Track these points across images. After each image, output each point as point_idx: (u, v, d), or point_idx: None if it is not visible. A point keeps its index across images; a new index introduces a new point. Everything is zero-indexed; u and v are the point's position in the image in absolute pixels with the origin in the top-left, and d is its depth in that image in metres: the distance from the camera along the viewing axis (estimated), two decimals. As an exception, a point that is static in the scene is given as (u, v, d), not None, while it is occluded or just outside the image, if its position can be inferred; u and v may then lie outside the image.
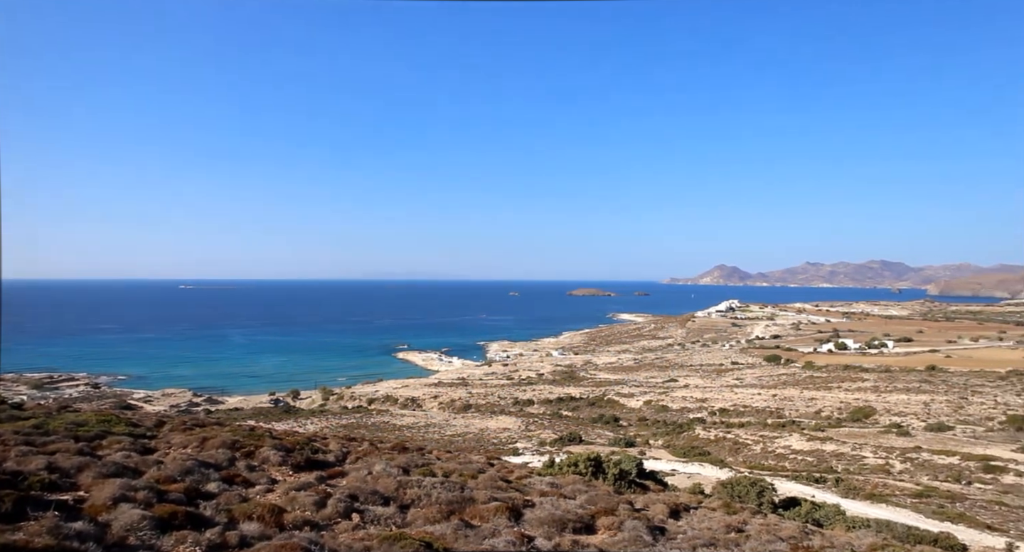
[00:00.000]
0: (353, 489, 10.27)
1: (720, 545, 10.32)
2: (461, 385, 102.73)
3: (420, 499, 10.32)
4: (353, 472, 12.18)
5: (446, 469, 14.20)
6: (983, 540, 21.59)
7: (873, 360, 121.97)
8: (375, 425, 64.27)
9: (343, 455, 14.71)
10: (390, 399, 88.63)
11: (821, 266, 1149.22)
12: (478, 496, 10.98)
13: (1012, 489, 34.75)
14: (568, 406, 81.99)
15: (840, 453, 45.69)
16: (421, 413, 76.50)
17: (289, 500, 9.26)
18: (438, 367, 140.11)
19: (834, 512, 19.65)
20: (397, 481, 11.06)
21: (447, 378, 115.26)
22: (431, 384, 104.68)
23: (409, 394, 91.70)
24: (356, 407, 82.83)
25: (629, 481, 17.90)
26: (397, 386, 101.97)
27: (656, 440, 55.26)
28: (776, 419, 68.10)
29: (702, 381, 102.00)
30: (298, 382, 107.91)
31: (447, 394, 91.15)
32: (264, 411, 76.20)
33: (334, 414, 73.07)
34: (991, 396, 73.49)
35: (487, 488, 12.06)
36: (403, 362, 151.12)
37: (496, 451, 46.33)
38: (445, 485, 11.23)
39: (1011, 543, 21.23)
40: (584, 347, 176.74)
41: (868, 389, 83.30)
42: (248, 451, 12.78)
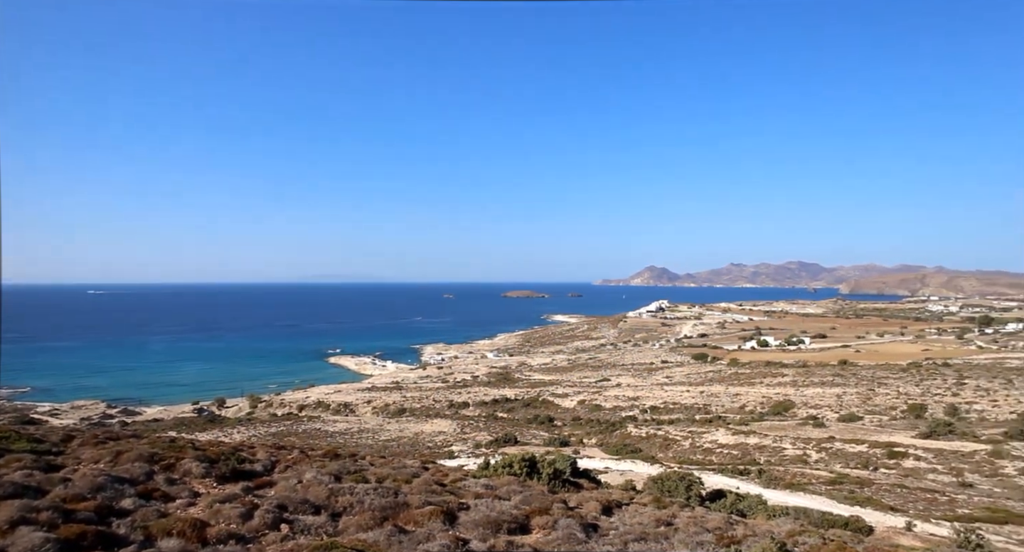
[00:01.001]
0: (282, 499, 9.93)
1: (650, 539, 10.60)
2: (395, 389, 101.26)
3: (353, 506, 10.10)
4: (282, 481, 11.78)
5: (379, 475, 13.95)
6: (887, 521, 23.14)
7: (792, 356, 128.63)
8: (306, 432, 62.43)
9: (272, 464, 14.21)
10: (322, 405, 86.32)
11: (744, 267, 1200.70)
12: (412, 501, 10.85)
13: (912, 472, 37.45)
14: (503, 407, 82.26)
15: (762, 446, 47.84)
16: (354, 418, 74.89)
17: (213, 513, 8.85)
18: (372, 371, 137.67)
19: (756, 502, 20.55)
20: (329, 489, 10.77)
21: (381, 382, 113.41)
22: (364, 389, 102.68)
23: (342, 399, 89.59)
24: (286, 414, 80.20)
25: (563, 480, 18.12)
26: (329, 391, 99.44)
27: (590, 439, 56.22)
28: (703, 415, 70.68)
29: (634, 380, 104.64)
30: (224, 390, 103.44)
31: (381, 398, 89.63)
32: (187, 421, 72.60)
33: (263, 422, 70.51)
34: (894, 387, 78.98)
35: (421, 492, 11.93)
36: (335, 367, 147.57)
37: (431, 455, 45.94)
38: (378, 491, 11.03)
39: (910, 522, 22.89)
40: (519, 348, 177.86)
41: (787, 384, 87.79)
42: (168, 464, 12.13)
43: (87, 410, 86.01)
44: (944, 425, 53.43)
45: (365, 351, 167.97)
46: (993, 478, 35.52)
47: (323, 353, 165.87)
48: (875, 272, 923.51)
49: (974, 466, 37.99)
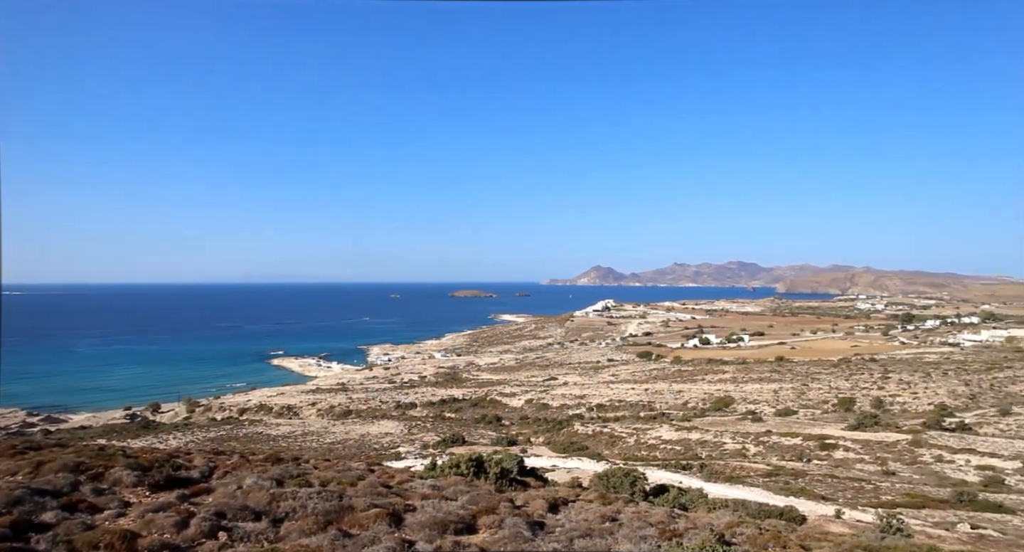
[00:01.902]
0: (220, 506, 9.61)
1: (595, 535, 10.77)
2: (341, 390, 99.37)
3: (295, 511, 9.86)
4: (221, 488, 11.39)
5: (323, 478, 13.67)
6: (819, 509, 24.25)
7: (732, 353, 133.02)
8: (247, 436, 60.54)
9: (210, 470, 13.71)
10: (264, 408, 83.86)
11: (687, 267, 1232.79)
12: (357, 504, 10.68)
13: (841, 463, 39.38)
14: (451, 408, 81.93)
15: (704, 441, 49.32)
16: (298, 421, 73.09)
17: (145, 523, 8.48)
18: (316, 373, 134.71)
19: (698, 496, 21.17)
20: (270, 494, 10.49)
21: (326, 384, 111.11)
22: (309, 391, 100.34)
23: (285, 402, 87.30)
24: (226, 418, 77.53)
25: (511, 479, 18.20)
26: (272, 394, 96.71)
27: (537, 437, 56.64)
28: (648, 412, 72.28)
29: (580, 378, 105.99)
30: (159, 394, 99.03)
31: (326, 400, 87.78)
32: (118, 428, 69.21)
33: (201, 427, 67.94)
34: (826, 382, 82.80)
35: (367, 495, 11.76)
36: (278, 369, 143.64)
37: (378, 456, 45.33)
38: (322, 495, 10.81)
39: (839, 510, 24.09)
40: (467, 348, 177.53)
41: (728, 380, 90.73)
42: (96, 473, 11.54)
43: (4, 419, 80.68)
44: (870, 417, 56.40)
45: (309, 352, 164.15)
46: (913, 466, 37.73)
47: (265, 355, 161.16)
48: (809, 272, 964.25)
49: (896, 455, 40.25)
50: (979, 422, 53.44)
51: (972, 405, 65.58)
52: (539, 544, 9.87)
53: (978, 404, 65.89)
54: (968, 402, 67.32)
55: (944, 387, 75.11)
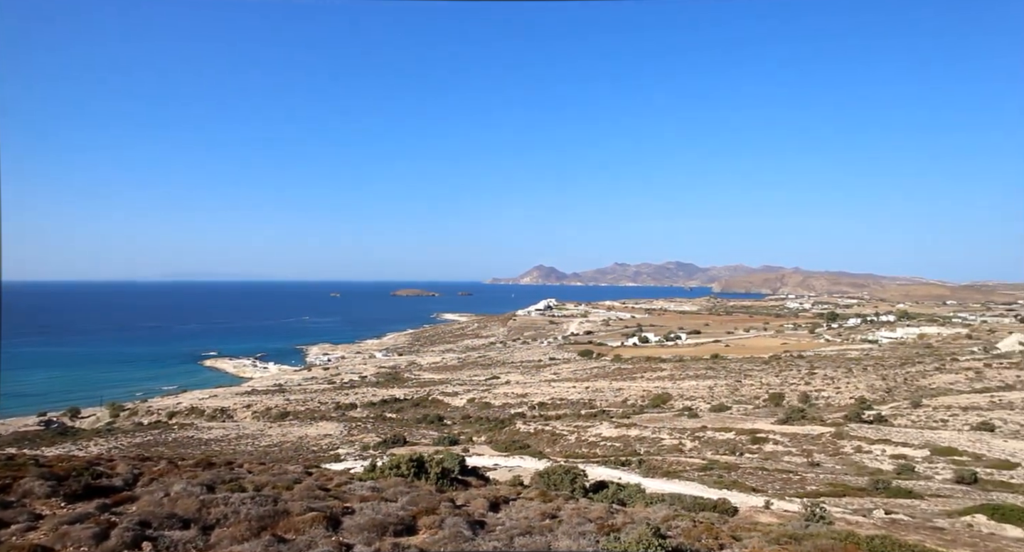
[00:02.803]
0: (145, 514, 9.15)
1: (536, 532, 10.84)
2: (278, 392, 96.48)
3: (227, 517, 9.51)
4: (146, 496, 10.85)
5: (258, 482, 13.24)
6: (750, 501, 25.26)
7: (670, 351, 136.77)
8: (177, 441, 57.96)
9: (134, 478, 13.04)
10: (195, 411, 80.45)
11: (628, 267, 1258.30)
12: (293, 508, 10.39)
13: (771, 456, 41.13)
14: (392, 408, 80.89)
15: (643, 437, 50.50)
16: (232, 424, 70.50)
17: (59, 536, 7.98)
18: (252, 374, 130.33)
19: (636, 491, 21.65)
20: (200, 500, 10.07)
21: (262, 385, 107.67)
22: (244, 392, 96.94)
23: (218, 404, 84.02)
24: (154, 423, 73.95)
25: (452, 479, 18.12)
26: (204, 397, 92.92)
27: (479, 436, 56.64)
28: (589, 409, 73.42)
29: (522, 377, 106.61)
30: (78, 399, 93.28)
31: (262, 402, 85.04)
32: (31, 435, 64.86)
33: (126, 433, 64.53)
34: (758, 378, 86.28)
35: (303, 498, 11.46)
36: (211, 370, 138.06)
37: (316, 459, 44.30)
38: (256, 500, 10.46)
39: (768, 501, 25.16)
40: (408, 348, 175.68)
41: (666, 377, 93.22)
42: (3, 485, 10.79)
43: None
44: (798, 412, 59.15)
45: (245, 353, 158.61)
46: (835, 457, 39.80)
47: (197, 356, 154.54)
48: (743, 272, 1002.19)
49: (821, 447, 42.34)
50: (894, 414, 56.85)
51: (888, 398, 69.72)
52: (479, 543, 9.86)
53: (893, 397, 70.11)
54: (884, 395, 71.55)
55: (864, 382, 79.60)
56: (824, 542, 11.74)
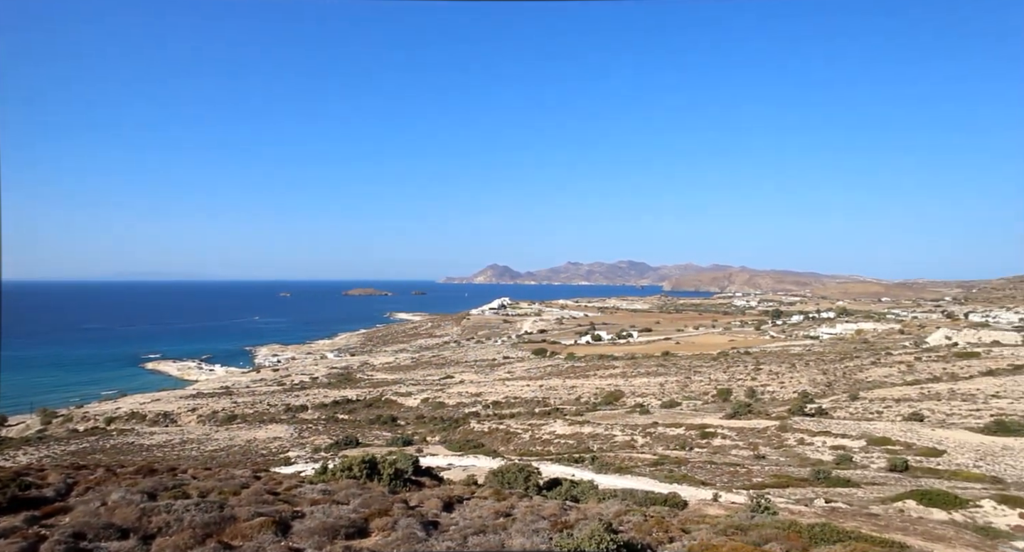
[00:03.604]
0: (79, 526, 8.74)
1: (489, 531, 10.86)
2: (225, 394, 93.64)
3: (169, 525, 9.18)
4: (81, 506, 10.37)
5: (203, 488, 12.82)
6: (699, 494, 25.91)
7: (622, 349, 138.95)
8: (116, 448, 55.53)
9: (68, 488, 12.44)
10: (136, 416, 77.28)
11: (581, 265, 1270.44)
12: (240, 513, 10.11)
13: (719, 450, 42.31)
14: (344, 409, 79.60)
15: (596, 434, 51.14)
16: (176, 429, 68.06)
17: (-14, 550, 7.55)
18: (197, 377, 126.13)
19: (589, 487, 21.92)
20: (140, 509, 9.68)
21: (208, 388, 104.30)
22: (188, 396, 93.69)
23: (161, 409, 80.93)
24: (91, 429, 70.62)
25: (405, 480, 17.95)
26: (146, 401, 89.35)
27: (433, 436, 56.31)
28: (543, 408, 73.91)
29: (476, 376, 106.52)
30: (6, 406, 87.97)
31: (208, 405, 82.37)
32: (-47, 444, 60.99)
33: (60, 440, 61.38)
34: (707, 374, 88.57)
35: (251, 504, 11.17)
36: (154, 373, 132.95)
37: (265, 462, 43.17)
38: (201, 506, 10.13)
39: (716, 493, 25.87)
40: (361, 348, 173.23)
41: (618, 375, 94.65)
42: (-75, 496, 10.13)
43: None
44: (744, 406, 61.01)
45: (190, 355, 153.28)
46: (779, 449, 41.23)
47: (140, 359, 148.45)
48: (692, 271, 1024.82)
49: (766, 440, 43.79)
50: (833, 407, 59.28)
51: (828, 391, 72.63)
52: (432, 544, 9.82)
53: (833, 390, 73.08)
54: (825, 389, 74.52)
55: (806, 376, 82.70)
56: (768, 532, 12.15)
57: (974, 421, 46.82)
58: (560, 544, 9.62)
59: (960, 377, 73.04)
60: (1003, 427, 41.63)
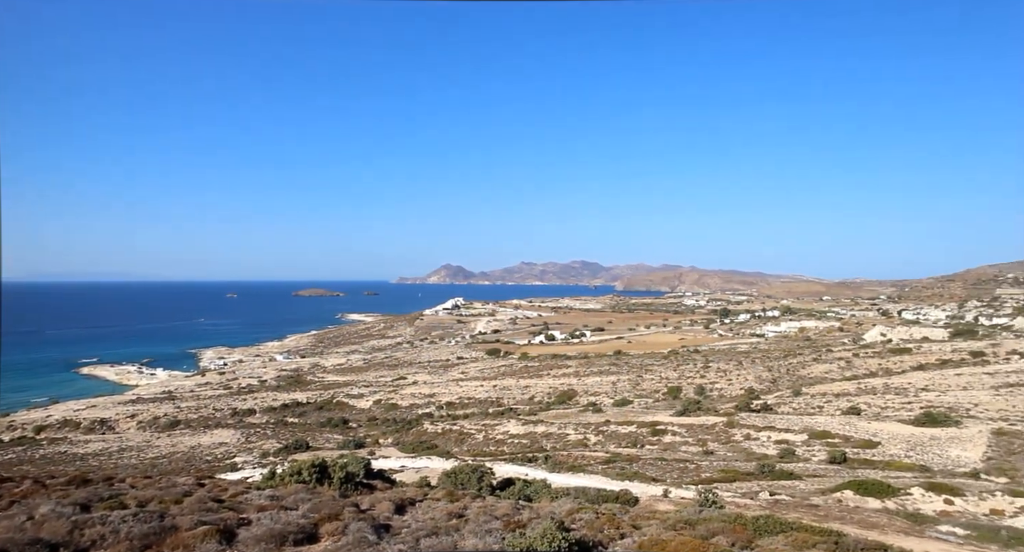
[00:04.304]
0: (2, 542, 8.26)
1: (442, 533, 10.80)
2: (167, 399, 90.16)
3: (104, 538, 8.77)
4: (4, 521, 9.80)
5: (142, 498, 12.31)
6: (650, 490, 26.43)
7: (575, 348, 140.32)
8: (46, 458, 52.75)
9: (-8, 500, 11.73)
10: (69, 424, 73.49)
11: (534, 265, 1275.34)
12: (182, 523, 9.75)
13: (670, 447, 43.21)
14: (294, 412, 77.78)
15: (549, 433, 51.51)
16: (114, 436, 65.10)
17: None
18: (137, 381, 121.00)
19: (542, 486, 22.07)
20: (71, 522, 9.22)
21: (149, 393, 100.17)
22: (128, 401, 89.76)
23: (97, 415, 77.25)
24: (17, 439, 66.69)
25: (357, 483, 17.67)
26: (80, 407, 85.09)
27: (386, 438, 55.65)
28: (496, 408, 73.97)
29: (430, 377, 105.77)
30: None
31: (149, 411, 79.13)
32: None
33: (-17, 450, 57.93)
34: (658, 372, 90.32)
35: (194, 512, 10.78)
36: (90, 379, 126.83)
37: (210, 469, 41.82)
38: (139, 516, 9.72)
39: (667, 489, 26.44)
40: (311, 349, 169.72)
41: (571, 374, 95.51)
42: None
43: None
44: (694, 404, 62.50)
45: (129, 358, 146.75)
46: (727, 445, 42.41)
47: (74, 363, 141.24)
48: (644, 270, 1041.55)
49: (714, 436, 44.97)
50: (778, 402, 61.38)
51: (773, 388, 75.15)
52: (384, 547, 9.69)
53: (777, 387, 75.66)
54: (770, 385, 77.08)
55: (752, 373, 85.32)
56: (715, 525, 12.48)
57: (906, 413, 49.23)
58: (512, 544, 9.64)
59: (894, 372, 76.73)
60: (931, 419, 43.92)
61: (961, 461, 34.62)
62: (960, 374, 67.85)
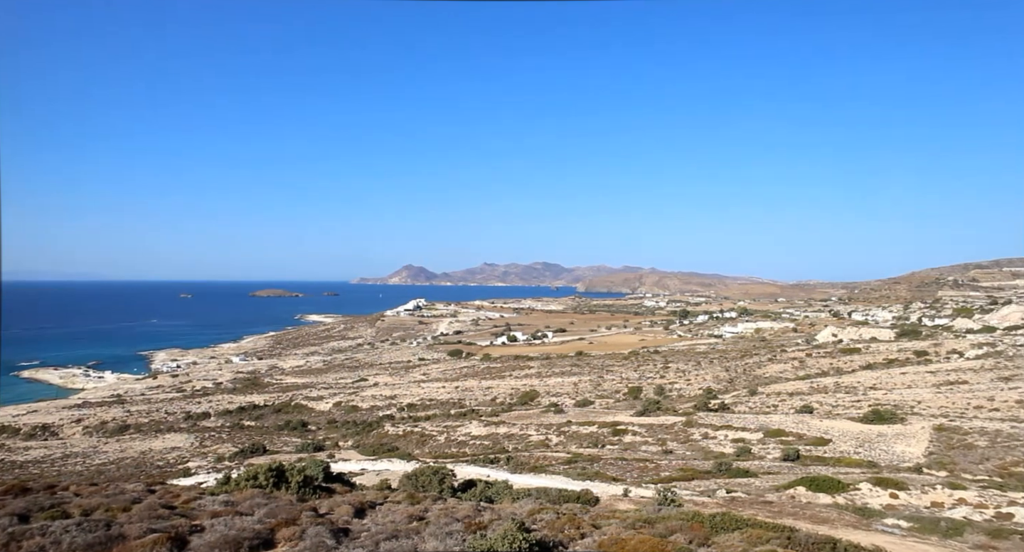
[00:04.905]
0: (-64, 554, 7.82)
1: (402, 536, 10.67)
2: (116, 403, 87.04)
3: (45, 549, 8.39)
4: (-62, 532, 9.27)
5: (87, 506, 11.81)
6: (610, 490, 26.71)
7: (537, 349, 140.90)
8: (-17, 466, 50.27)
9: (-77, 511, 11.09)
10: (8, 430, 70.18)
11: (497, 266, 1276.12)
12: (130, 531, 9.39)
13: (630, 446, 43.77)
14: (251, 415, 75.97)
15: (511, 434, 51.57)
16: (57, 442, 62.43)
17: None
18: (84, 385, 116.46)
19: (504, 487, 22.06)
20: (8, 533, 8.79)
21: (97, 397, 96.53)
22: (73, 406, 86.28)
23: (39, 421, 74.00)
24: (-47, 445, 63.47)
25: (315, 487, 17.36)
26: (20, 413, 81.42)
27: (346, 441, 54.87)
28: (458, 409, 73.67)
29: (391, 378, 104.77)
30: None
31: (96, 415, 76.22)
32: None
33: (-87, 458, 54.83)
34: (619, 373, 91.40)
35: (144, 520, 10.40)
36: (32, 382, 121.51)
37: (162, 475, 40.54)
38: (83, 526, 9.32)
39: (627, 488, 26.76)
40: (269, 351, 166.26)
41: (533, 375, 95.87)
42: None
43: None
44: (654, 403, 63.42)
45: (75, 361, 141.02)
46: (686, 444, 43.18)
47: (14, 367, 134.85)
48: (605, 272, 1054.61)
49: (674, 435, 45.73)
50: (735, 402, 62.82)
51: (730, 388, 76.87)
52: (342, 551, 9.54)
53: (734, 386, 77.42)
54: (727, 385, 78.82)
55: (710, 373, 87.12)
56: (674, 523, 12.67)
57: (855, 411, 51.00)
58: (473, 545, 9.60)
59: (844, 371, 79.37)
60: (878, 416, 45.60)
61: (906, 456, 36.06)
62: (905, 373, 70.64)
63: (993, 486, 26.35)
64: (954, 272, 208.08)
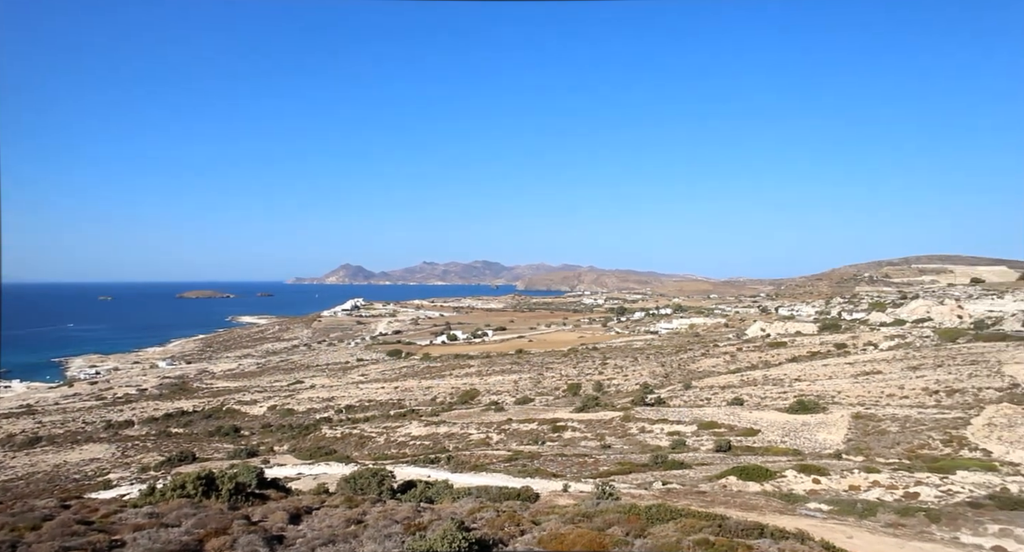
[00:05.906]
0: None
1: (339, 540, 10.44)
2: (25, 414, 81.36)
3: (-57, 573, 7.73)
4: None
5: (-8, 525, 10.97)
6: (550, 486, 26.98)
7: (477, 348, 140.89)
8: None
9: None
10: (-98, 445, 64.49)
11: (436, 265, 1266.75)
12: (40, 551, 8.79)
13: (570, 442, 44.37)
14: (179, 422, 72.60)
15: (452, 433, 51.31)
16: (-42, 458, 57.76)
17: None
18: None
19: (444, 487, 21.93)
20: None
21: (3, 408, 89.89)
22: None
23: (-62, 434, 68.32)
24: None
25: (248, 494, 16.74)
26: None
27: (281, 445, 53.26)
28: (398, 409, 72.76)
29: (329, 380, 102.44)
30: None
31: (2, 428, 71.08)
32: None
33: None
34: (558, 370, 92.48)
35: (55, 538, 9.75)
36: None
37: (78, 488, 38.15)
38: (-13, 546, 8.65)
39: (567, 484, 27.11)
40: (199, 355, 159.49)
41: (474, 374, 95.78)
42: None
43: None
44: (593, 399, 64.52)
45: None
46: (623, 438, 44.13)
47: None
48: (544, 270, 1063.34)
49: (612, 430, 46.65)
50: (670, 396, 64.64)
51: (666, 382, 79.08)
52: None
53: (670, 381, 79.69)
54: (663, 380, 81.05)
55: (647, 369, 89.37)
56: (611, 516, 12.91)
57: (782, 402, 53.42)
58: (412, 547, 9.49)
59: (772, 364, 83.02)
60: (803, 406, 47.97)
61: (827, 444, 38.10)
62: (827, 364, 74.55)
63: (903, 468, 28.16)
64: (869, 269, 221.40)
